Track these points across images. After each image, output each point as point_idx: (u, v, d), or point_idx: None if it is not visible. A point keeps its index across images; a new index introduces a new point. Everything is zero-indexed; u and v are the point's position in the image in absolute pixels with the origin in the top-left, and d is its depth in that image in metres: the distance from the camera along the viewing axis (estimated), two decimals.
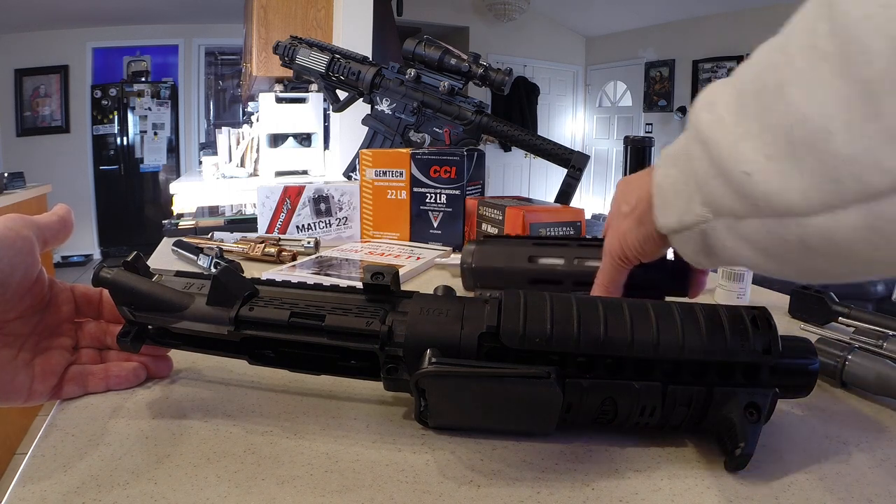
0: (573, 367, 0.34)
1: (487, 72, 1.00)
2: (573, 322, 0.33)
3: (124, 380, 0.40)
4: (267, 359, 0.39)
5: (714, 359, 0.33)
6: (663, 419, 0.34)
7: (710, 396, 0.33)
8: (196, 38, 5.20)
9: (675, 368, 0.34)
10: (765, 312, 0.34)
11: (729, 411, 0.33)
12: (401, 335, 0.35)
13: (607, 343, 0.33)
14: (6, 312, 0.36)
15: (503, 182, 5.76)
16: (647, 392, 0.33)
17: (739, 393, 0.33)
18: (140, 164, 5.26)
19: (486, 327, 0.34)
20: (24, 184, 2.55)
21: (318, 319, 0.36)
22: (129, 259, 0.39)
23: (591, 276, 0.55)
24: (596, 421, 0.35)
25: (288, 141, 2.70)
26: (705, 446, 0.35)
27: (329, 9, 2.42)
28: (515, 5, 5.06)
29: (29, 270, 0.36)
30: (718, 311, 0.34)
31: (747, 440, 0.31)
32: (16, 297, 0.36)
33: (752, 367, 0.33)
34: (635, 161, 0.79)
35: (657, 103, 5.32)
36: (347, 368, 0.38)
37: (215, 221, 1.45)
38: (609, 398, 0.33)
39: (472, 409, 0.34)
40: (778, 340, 0.33)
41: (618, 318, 0.34)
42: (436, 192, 0.91)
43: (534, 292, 0.36)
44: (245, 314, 0.36)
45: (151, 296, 0.38)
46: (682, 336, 0.33)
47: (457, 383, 0.33)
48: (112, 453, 0.32)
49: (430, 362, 0.32)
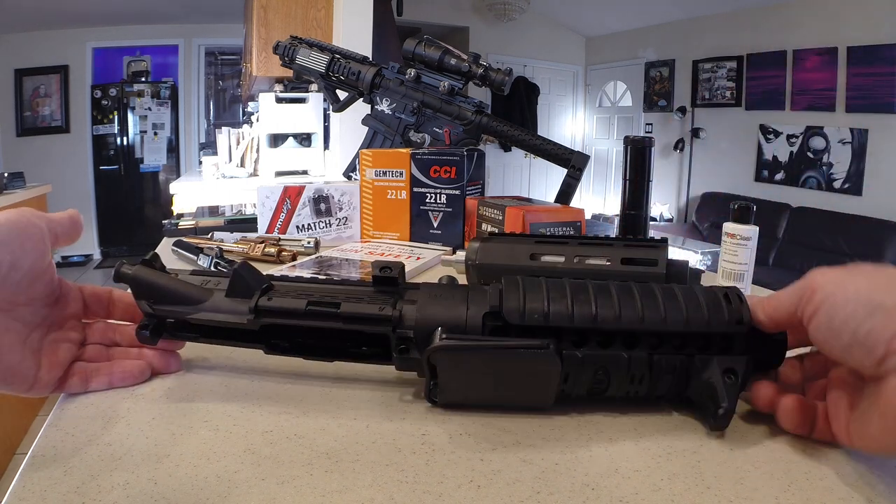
0: (567, 342, 0.37)
1: (487, 72, 1.00)
2: (567, 300, 0.37)
3: (129, 376, 0.41)
4: (282, 348, 0.41)
5: (693, 330, 0.36)
6: (651, 388, 0.38)
7: (691, 364, 0.37)
8: (196, 38, 5.20)
9: (658, 340, 0.37)
10: (735, 290, 0.38)
11: (709, 376, 0.36)
12: (411, 318, 0.38)
13: (598, 318, 0.36)
14: (16, 295, 0.36)
15: (503, 182, 5.76)
16: (636, 361, 0.37)
17: (717, 360, 0.36)
18: (140, 164, 5.26)
19: (489, 307, 0.37)
20: (24, 184, 2.55)
21: (334, 307, 0.38)
22: (148, 258, 0.41)
23: (590, 274, 0.56)
24: (591, 392, 0.38)
25: (288, 141, 2.70)
26: (705, 447, 0.35)
27: (329, 9, 2.42)
28: (515, 5, 5.06)
29: (39, 257, 0.37)
30: (694, 289, 0.38)
31: (728, 399, 0.35)
32: (25, 280, 0.37)
33: (727, 337, 0.37)
34: (635, 161, 0.79)
35: (657, 103, 5.32)
36: (360, 354, 0.41)
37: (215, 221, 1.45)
38: (602, 368, 0.37)
39: (479, 382, 0.37)
40: (749, 313, 0.37)
41: (606, 296, 0.37)
42: (436, 192, 0.91)
43: (531, 278, 0.39)
44: (264, 304, 0.39)
45: (171, 289, 0.40)
46: (664, 310, 0.37)
47: (465, 357, 0.36)
48: (112, 453, 0.32)
49: (441, 339, 0.35)
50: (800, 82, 4.11)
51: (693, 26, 4.92)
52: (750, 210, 0.65)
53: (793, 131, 4.17)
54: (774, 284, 0.81)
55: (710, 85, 4.79)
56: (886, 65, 3.57)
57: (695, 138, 4.92)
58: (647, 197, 0.79)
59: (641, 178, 0.78)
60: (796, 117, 4.15)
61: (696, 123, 4.92)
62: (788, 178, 4.24)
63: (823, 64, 3.93)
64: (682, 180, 5.13)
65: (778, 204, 4.13)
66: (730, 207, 0.66)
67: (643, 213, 0.79)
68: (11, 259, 0.35)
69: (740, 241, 0.65)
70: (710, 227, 4.46)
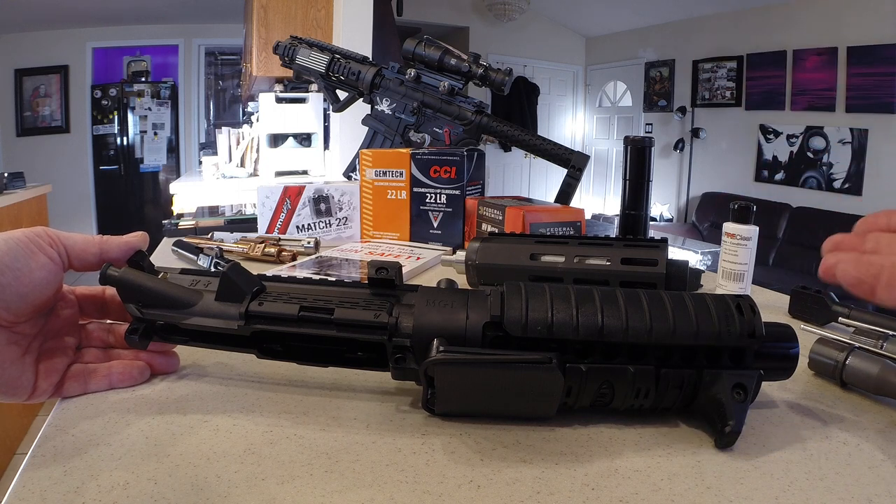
0: (571, 353, 0.35)
1: (487, 72, 1.00)
2: (572, 311, 0.35)
3: (127, 378, 0.40)
4: (275, 352, 0.40)
5: (702, 343, 0.35)
6: (657, 401, 0.36)
7: (699, 378, 0.35)
8: (196, 38, 5.20)
9: (666, 353, 0.35)
10: (748, 300, 0.36)
11: (717, 392, 0.35)
12: (408, 326, 0.36)
13: (604, 330, 0.35)
14: (19, 316, 0.36)
15: (503, 182, 5.76)
16: (642, 375, 0.35)
17: (726, 375, 0.35)
18: (140, 164, 5.25)
19: (490, 317, 0.36)
20: (24, 184, 2.54)
21: (327, 313, 0.37)
22: (133, 257, 0.40)
23: (590, 274, 0.56)
24: (594, 405, 0.37)
25: (288, 141, 2.70)
26: (706, 447, 0.35)
27: (329, 9, 2.41)
28: (515, 5, 5.06)
29: (46, 284, 0.37)
30: (706, 298, 0.36)
31: (735, 418, 0.33)
32: (32, 306, 0.37)
33: (738, 350, 0.35)
34: (635, 161, 0.79)
35: (657, 103, 5.31)
36: (355, 360, 0.39)
37: (215, 221, 1.45)
38: (606, 382, 0.35)
39: (478, 395, 0.36)
40: (761, 326, 0.35)
41: (613, 306, 0.35)
42: (436, 192, 0.91)
43: (534, 284, 0.37)
44: (255, 309, 0.37)
45: (160, 293, 0.38)
46: (674, 322, 0.35)
47: (464, 370, 0.34)
48: (112, 453, 0.32)
49: (439, 351, 0.34)
50: (800, 82, 4.11)
51: (693, 26, 4.92)
52: (750, 210, 0.65)
53: (793, 131, 4.17)
54: (774, 284, 0.81)
55: (710, 85, 4.79)
56: (886, 65, 3.57)
57: (695, 138, 4.92)
58: (647, 197, 0.79)
59: (641, 178, 0.78)
60: (796, 117, 4.15)
61: (696, 123, 4.92)
62: (788, 178, 4.24)
63: (823, 64, 3.93)
64: (682, 180, 5.13)
65: (778, 204, 4.12)
66: (730, 207, 0.66)
67: (643, 213, 0.79)
68: (18, 289, 0.35)
69: (740, 241, 0.65)
70: (710, 227, 4.46)
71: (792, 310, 0.62)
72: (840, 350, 0.44)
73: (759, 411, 0.40)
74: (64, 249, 0.38)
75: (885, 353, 0.46)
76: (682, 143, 5.01)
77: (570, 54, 6.06)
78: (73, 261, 0.39)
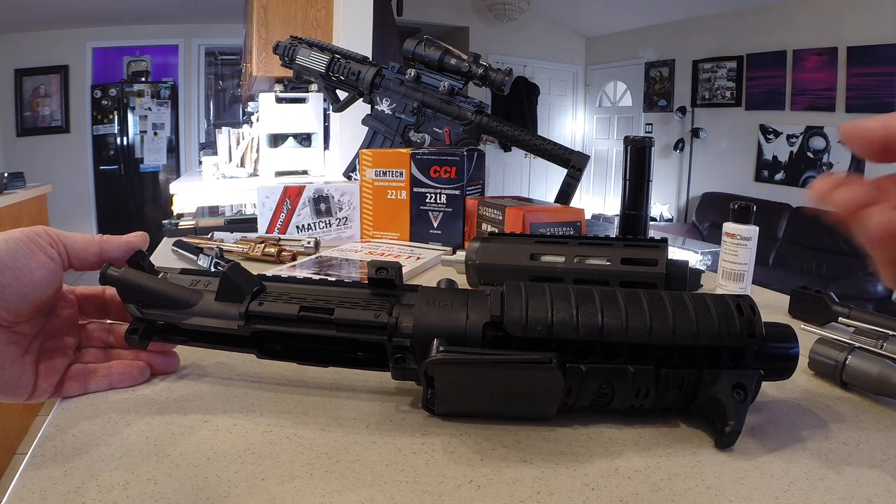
0: (571, 353, 0.35)
1: (487, 72, 1.00)
2: (572, 311, 0.35)
3: (127, 378, 0.40)
4: (276, 352, 0.40)
5: (703, 343, 0.35)
6: (657, 401, 0.36)
7: (699, 378, 0.35)
8: (196, 38, 5.20)
9: (666, 353, 0.35)
10: (748, 300, 0.36)
11: (717, 392, 0.35)
12: (408, 326, 0.36)
13: (604, 330, 0.35)
14: (20, 316, 0.36)
15: (503, 182, 5.76)
16: (642, 375, 0.35)
17: (726, 375, 0.35)
18: (140, 164, 5.25)
19: (490, 317, 0.36)
20: (24, 184, 2.54)
21: (327, 313, 0.37)
22: (133, 257, 0.40)
23: (590, 274, 0.56)
24: (594, 405, 0.37)
25: (288, 141, 2.70)
26: (706, 447, 0.35)
27: (329, 9, 2.41)
28: (515, 5, 5.06)
29: (45, 283, 0.37)
30: (706, 298, 0.36)
31: (735, 418, 0.34)
32: (30, 308, 0.36)
33: (738, 350, 0.36)
34: (635, 161, 0.79)
35: (657, 103, 5.32)
36: (355, 360, 0.39)
37: (215, 221, 1.45)
38: (606, 382, 0.35)
39: (479, 395, 0.36)
40: (761, 326, 0.35)
41: (613, 306, 0.36)
42: (436, 192, 0.91)
43: (534, 284, 0.37)
44: (255, 309, 0.37)
45: (159, 293, 0.39)
46: (674, 322, 0.35)
47: (464, 370, 0.34)
48: (112, 453, 0.32)
49: (439, 351, 0.34)
50: (800, 82, 4.11)
51: (693, 26, 4.92)
52: (750, 210, 0.65)
53: (793, 131, 4.17)
54: (774, 284, 0.81)
55: (710, 85, 4.79)
56: (886, 65, 3.57)
57: (695, 138, 4.92)
58: (647, 197, 0.79)
59: (641, 178, 0.78)
60: (796, 117, 4.15)
61: (696, 123, 4.92)
62: (788, 178, 4.24)
63: (823, 64, 3.93)
64: (682, 180, 5.13)
65: (778, 204, 4.12)
66: (730, 207, 0.66)
67: (643, 213, 0.79)
68: (18, 289, 0.35)
69: (740, 241, 0.65)
70: (710, 227, 4.46)
71: (792, 310, 0.62)
72: (840, 350, 0.44)
73: (759, 411, 0.40)
74: (64, 249, 0.38)
75: (885, 353, 0.46)
76: (682, 143, 5.01)
77: (570, 54, 6.06)
78: (73, 260, 0.39)
